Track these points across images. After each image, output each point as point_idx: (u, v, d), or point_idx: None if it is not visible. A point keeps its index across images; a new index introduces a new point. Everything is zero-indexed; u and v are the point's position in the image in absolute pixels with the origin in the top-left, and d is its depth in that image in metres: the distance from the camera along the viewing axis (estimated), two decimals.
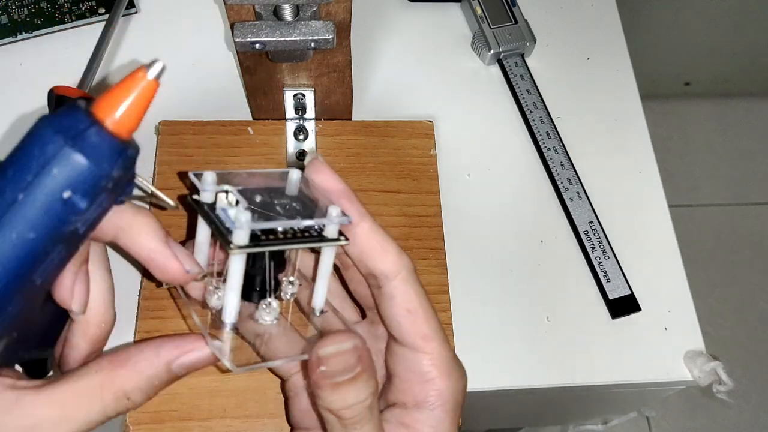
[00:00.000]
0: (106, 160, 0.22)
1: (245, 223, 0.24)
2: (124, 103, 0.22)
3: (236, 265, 0.26)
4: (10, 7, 0.46)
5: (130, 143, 0.23)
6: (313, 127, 0.43)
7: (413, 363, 0.28)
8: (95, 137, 0.22)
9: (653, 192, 0.46)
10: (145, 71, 0.22)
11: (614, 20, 0.52)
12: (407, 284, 0.29)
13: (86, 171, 0.21)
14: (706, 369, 0.40)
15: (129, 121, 0.22)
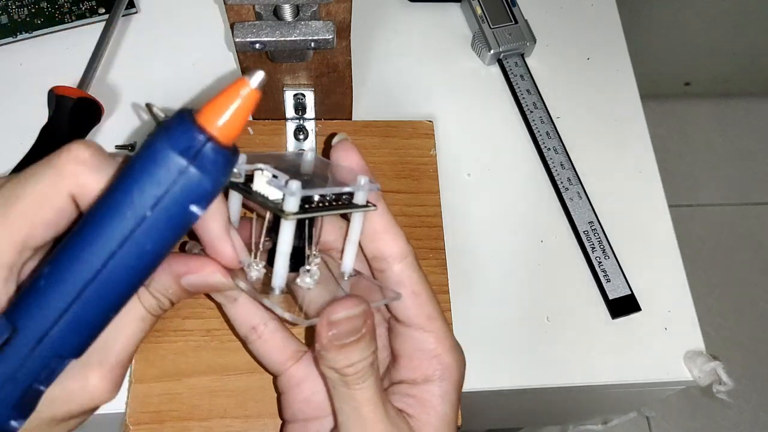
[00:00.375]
0: (222, 173, 0.23)
1: (297, 190, 0.26)
2: (230, 112, 0.23)
3: (288, 231, 0.27)
4: (10, 7, 0.46)
5: (234, 148, 0.24)
6: (313, 127, 0.43)
7: (420, 342, 0.30)
8: (212, 154, 0.23)
9: (653, 192, 0.46)
10: (247, 80, 0.23)
11: (614, 20, 0.52)
12: (413, 268, 0.30)
13: (208, 186, 0.23)
14: (706, 369, 0.40)
15: (234, 130, 0.23)
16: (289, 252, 0.28)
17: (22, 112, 0.44)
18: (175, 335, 0.37)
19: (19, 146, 0.41)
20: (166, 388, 0.36)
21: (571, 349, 0.40)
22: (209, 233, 0.27)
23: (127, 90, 0.46)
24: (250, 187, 0.28)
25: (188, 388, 0.36)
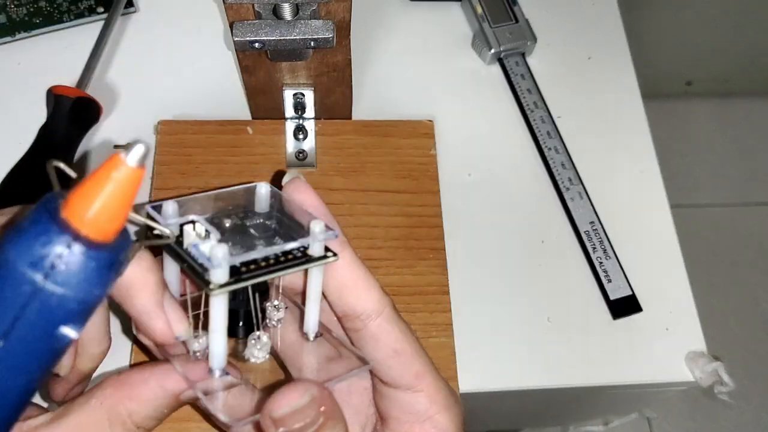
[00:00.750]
0: (95, 284, 0.18)
1: (223, 259, 0.21)
2: (102, 201, 0.18)
3: (218, 306, 0.23)
4: (8, 7, 0.46)
5: (120, 241, 0.19)
6: (312, 126, 0.43)
7: (409, 404, 0.26)
8: (79, 259, 0.17)
9: (654, 192, 0.46)
10: (122, 158, 0.18)
11: (615, 19, 0.52)
12: (392, 323, 0.26)
13: (74, 304, 0.18)
14: (707, 370, 0.39)
15: (112, 222, 0.18)
16: (224, 329, 0.23)
17: (20, 111, 0.44)
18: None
19: (17, 146, 0.41)
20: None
21: (572, 349, 0.40)
22: (135, 309, 0.23)
23: (126, 89, 0.46)
24: (182, 245, 0.23)
25: None
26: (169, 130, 0.42)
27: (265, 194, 0.26)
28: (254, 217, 0.25)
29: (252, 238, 0.24)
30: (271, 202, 0.26)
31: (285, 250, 0.24)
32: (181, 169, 0.41)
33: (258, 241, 0.24)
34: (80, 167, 0.42)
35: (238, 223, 0.24)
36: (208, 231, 0.23)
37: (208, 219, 0.24)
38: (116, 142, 0.43)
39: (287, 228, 0.25)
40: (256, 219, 0.25)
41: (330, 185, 0.41)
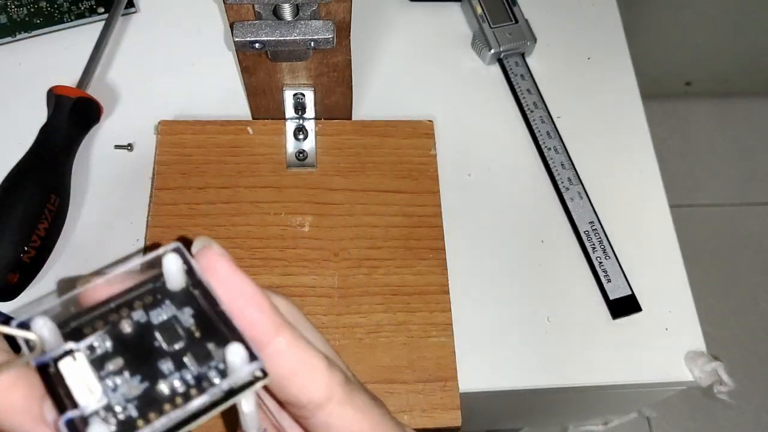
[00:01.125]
0: None
1: (259, 364, 0.18)
2: None
3: (251, 408, 0.20)
4: (9, 7, 0.46)
5: None
6: (312, 126, 0.43)
7: None
8: None
9: (654, 192, 0.46)
10: None
11: (615, 20, 0.52)
12: (345, 405, 0.21)
13: None
14: (707, 369, 0.40)
15: None
16: None
17: (21, 111, 0.44)
18: None
19: (18, 146, 0.41)
20: None
21: (572, 349, 0.40)
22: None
23: (127, 90, 0.46)
24: (57, 387, 0.18)
25: None
26: (170, 130, 0.42)
27: (176, 271, 0.20)
28: (165, 303, 0.20)
29: (156, 359, 0.19)
30: (186, 279, 0.20)
31: (193, 409, 0.18)
32: (181, 169, 0.41)
33: (164, 365, 0.19)
34: (80, 167, 0.42)
35: (140, 324, 0.19)
36: (93, 363, 0.18)
37: (101, 332, 0.19)
38: (117, 143, 0.43)
39: (207, 322, 0.19)
40: (167, 310, 0.20)
41: (330, 185, 0.42)
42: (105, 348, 0.19)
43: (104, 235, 0.41)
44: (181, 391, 0.18)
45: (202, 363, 0.19)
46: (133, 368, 0.18)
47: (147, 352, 0.19)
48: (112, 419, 0.18)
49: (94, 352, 0.19)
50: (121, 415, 0.18)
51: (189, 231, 0.39)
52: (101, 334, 0.19)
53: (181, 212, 0.40)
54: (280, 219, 0.40)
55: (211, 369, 0.19)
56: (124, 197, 0.42)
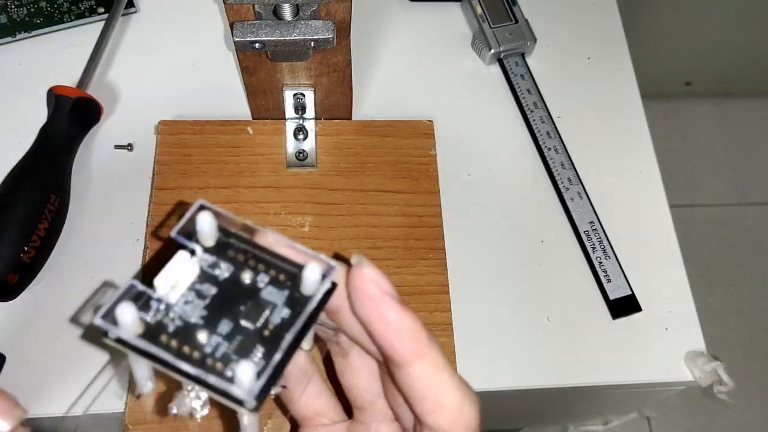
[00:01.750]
0: None
1: (250, 392, 0.18)
2: None
3: (252, 419, 0.20)
4: (9, 7, 0.46)
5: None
6: (312, 126, 0.43)
7: None
8: None
9: (654, 192, 0.46)
10: None
11: (615, 20, 0.52)
12: (435, 369, 0.21)
13: None
14: (706, 369, 0.40)
15: None
16: None
17: (21, 111, 0.44)
18: None
19: (18, 146, 0.41)
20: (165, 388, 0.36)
21: (572, 349, 0.40)
22: None
23: (127, 90, 0.46)
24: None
25: None
26: (170, 130, 0.42)
27: (314, 281, 0.21)
28: (280, 289, 0.21)
29: (230, 311, 0.20)
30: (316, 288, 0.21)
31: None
32: (181, 169, 0.41)
33: (230, 319, 0.20)
34: (80, 167, 0.42)
35: (253, 285, 0.21)
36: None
37: (230, 263, 0.21)
38: (117, 143, 0.43)
39: (288, 275, 0.22)
40: (276, 295, 0.21)
41: (330, 185, 0.42)
42: (220, 275, 0.21)
43: (104, 235, 0.41)
44: (210, 353, 0.19)
45: (239, 353, 0.20)
46: (213, 303, 0.20)
47: (231, 302, 0.20)
48: (158, 317, 0.20)
49: (212, 269, 0.21)
50: (170, 322, 0.20)
51: None
52: (228, 265, 0.21)
53: (180, 212, 0.40)
54: (280, 219, 0.40)
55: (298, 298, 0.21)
56: (124, 197, 0.42)
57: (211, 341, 0.20)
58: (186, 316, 0.20)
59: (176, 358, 0.19)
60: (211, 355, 0.19)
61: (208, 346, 0.19)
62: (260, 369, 0.19)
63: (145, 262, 0.39)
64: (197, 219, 0.22)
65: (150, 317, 0.20)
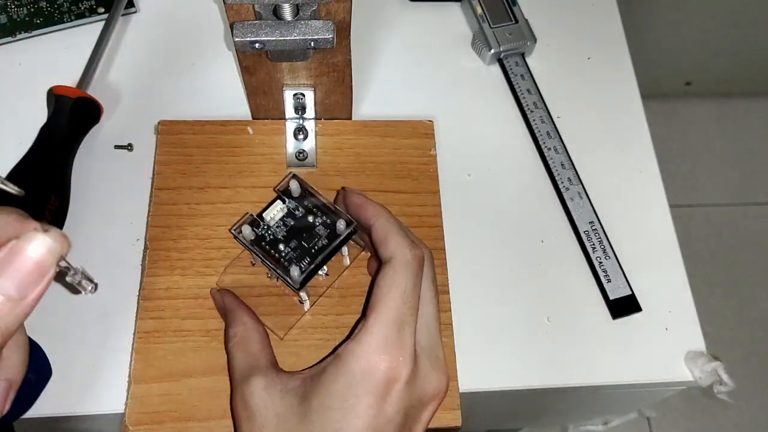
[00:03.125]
0: None
1: (296, 281, 0.35)
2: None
3: (304, 295, 0.37)
4: (9, 7, 0.46)
5: None
6: (312, 126, 0.43)
7: None
8: None
9: (654, 192, 0.46)
10: None
11: (615, 20, 0.52)
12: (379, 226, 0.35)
13: None
14: (706, 369, 0.40)
15: None
16: None
17: (21, 111, 0.44)
18: (175, 336, 0.37)
19: (18, 146, 0.41)
20: (165, 388, 0.36)
21: (572, 349, 0.40)
22: None
23: (127, 90, 0.46)
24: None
25: (188, 389, 0.36)
26: (170, 130, 0.42)
27: (342, 228, 0.37)
28: (320, 215, 0.37)
29: (308, 231, 0.37)
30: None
31: (330, 247, 0.36)
32: (181, 169, 0.41)
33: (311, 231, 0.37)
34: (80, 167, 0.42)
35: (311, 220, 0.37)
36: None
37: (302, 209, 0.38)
38: (117, 143, 0.43)
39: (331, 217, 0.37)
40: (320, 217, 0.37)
41: (330, 185, 0.42)
42: (297, 215, 0.37)
43: (104, 235, 0.41)
44: (283, 257, 0.36)
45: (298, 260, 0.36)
46: (291, 229, 0.37)
47: (299, 231, 0.37)
48: (261, 233, 0.36)
49: (294, 210, 0.37)
50: (267, 236, 0.36)
51: (189, 231, 0.39)
52: (302, 210, 0.37)
53: (181, 212, 0.40)
54: None
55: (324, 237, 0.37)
56: (124, 197, 0.42)
57: (285, 250, 0.36)
58: (275, 234, 0.36)
59: (266, 255, 0.36)
60: (284, 257, 0.36)
61: (283, 252, 0.36)
62: (304, 271, 0.35)
63: (144, 263, 0.39)
64: (290, 183, 0.38)
65: (258, 232, 0.36)
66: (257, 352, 0.34)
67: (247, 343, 0.34)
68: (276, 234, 0.36)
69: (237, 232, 0.36)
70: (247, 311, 0.36)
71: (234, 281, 0.38)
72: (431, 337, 0.32)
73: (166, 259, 0.39)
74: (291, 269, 0.35)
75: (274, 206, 0.37)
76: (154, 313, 0.37)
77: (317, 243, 0.36)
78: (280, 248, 0.36)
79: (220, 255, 0.39)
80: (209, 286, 0.38)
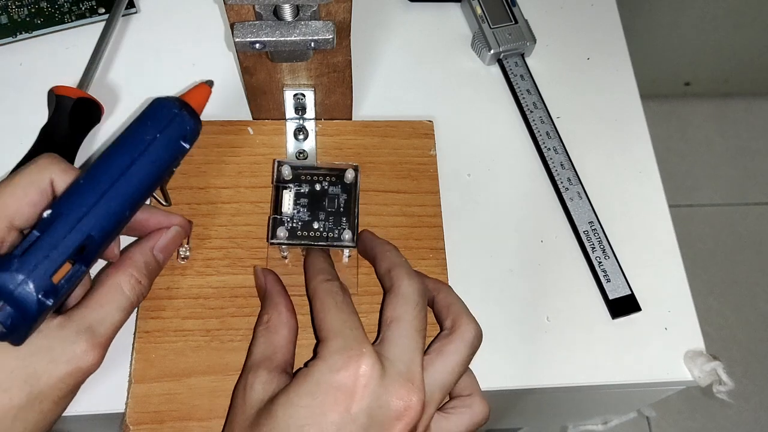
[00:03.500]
0: (196, 121, 0.34)
1: (351, 240, 0.38)
2: (198, 97, 0.35)
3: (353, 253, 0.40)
4: (9, 7, 0.46)
5: (199, 118, 0.35)
6: (313, 127, 0.43)
7: None
8: (190, 110, 0.34)
9: (653, 192, 0.46)
10: (206, 85, 0.36)
11: (614, 20, 0.52)
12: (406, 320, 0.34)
13: (191, 125, 0.34)
14: (706, 369, 0.40)
15: (200, 107, 0.35)
16: None
17: (21, 112, 0.44)
18: (175, 335, 0.37)
19: (18, 146, 0.41)
20: (166, 388, 0.36)
21: (571, 349, 0.40)
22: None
23: (127, 90, 0.46)
24: None
25: (188, 388, 0.36)
26: None
27: (351, 177, 0.40)
28: (337, 186, 0.40)
29: (320, 210, 0.39)
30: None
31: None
32: (181, 169, 0.41)
33: (322, 214, 0.39)
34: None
35: (322, 189, 0.39)
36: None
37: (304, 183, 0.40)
38: None
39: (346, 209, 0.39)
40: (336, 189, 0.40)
41: None
42: (304, 191, 0.39)
43: None
44: (324, 230, 0.38)
45: (337, 225, 0.38)
46: (310, 206, 0.39)
47: (318, 202, 0.39)
48: (289, 225, 0.38)
49: (299, 189, 0.39)
50: (296, 224, 0.38)
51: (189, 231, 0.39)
52: (304, 184, 0.39)
53: (181, 212, 0.40)
54: None
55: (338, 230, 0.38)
56: None
57: (320, 226, 0.38)
58: (302, 218, 0.38)
59: (310, 240, 0.38)
60: (325, 231, 0.38)
61: (320, 229, 0.38)
62: (351, 227, 0.38)
63: None
64: (281, 169, 0.39)
65: (288, 227, 0.38)
66: (279, 346, 0.34)
67: (275, 333, 0.35)
68: (303, 218, 0.38)
69: (274, 239, 0.37)
70: (286, 300, 0.36)
71: None
72: (408, 356, 0.32)
73: None
74: (342, 234, 0.38)
75: (283, 198, 0.39)
76: (154, 312, 0.37)
77: (340, 201, 0.39)
78: (315, 227, 0.38)
79: (220, 255, 0.39)
80: (209, 286, 0.38)
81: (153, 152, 0.32)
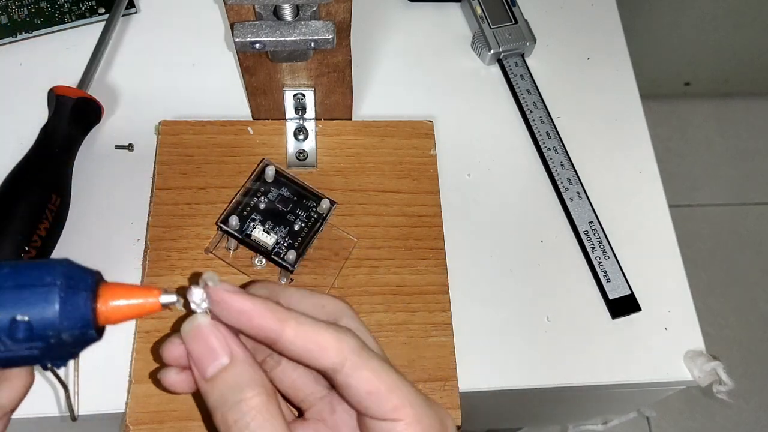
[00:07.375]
0: (69, 320, 0.22)
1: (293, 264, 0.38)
2: (124, 303, 0.23)
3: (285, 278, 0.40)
4: (9, 7, 0.46)
5: (97, 332, 0.24)
6: (313, 126, 0.43)
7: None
8: (81, 301, 0.23)
9: (653, 192, 0.46)
10: (159, 293, 0.24)
11: (614, 20, 0.52)
12: (358, 368, 0.25)
13: (50, 313, 0.22)
14: (706, 369, 0.40)
15: (114, 317, 0.24)
16: None
17: (21, 111, 0.44)
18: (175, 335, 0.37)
19: (19, 146, 0.41)
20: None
21: (571, 349, 0.40)
22: None
23: (127, 90, 0.46)
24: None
25: None
26: (170, 131, 0.42)
27: (326, 207, 0.40)
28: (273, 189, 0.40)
29: (284, 216, 0.39)
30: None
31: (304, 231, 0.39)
32: (182, 169, 0.41)
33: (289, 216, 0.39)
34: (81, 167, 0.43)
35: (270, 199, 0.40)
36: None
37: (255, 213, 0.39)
38: (117, 143, 0.44)
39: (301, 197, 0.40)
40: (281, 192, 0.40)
41: (330, 185, 0.42)
42: (280, 193, 0.40)
43: (104, 235, 0.41)
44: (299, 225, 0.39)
45: (309, 211, 0.39)
46: (272, 218, 0.39)
47: (280, 217, 0.39)
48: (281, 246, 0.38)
49: (276, 190, 0.40)
50: (282, 246, 0.38)
51: (190, 231, 0.40)
52: (282, 188, 0.40)
53: (181, 212, 0.40)
54: None
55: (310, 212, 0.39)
56: (125, 197, 0.42)
57: (274, 238, 0.39)
58: (261, 222, 0.39)
59: (253, 243, 0.38)
60: (275, 245, 0.38)
61: (271, 241, 0.39)
62: (297, 251, 0.38)
63: (146, 264, 0.39)
64: (266, 169, 0.40)
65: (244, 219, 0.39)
66: None
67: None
68: (262, 222, 0.39)
69: (224, 224, 0.38)
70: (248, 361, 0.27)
71: None
72: None
73: (167, 259, 0.39)
74: (287, 255, 0.38)
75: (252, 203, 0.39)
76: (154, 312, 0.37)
77: (302, 224, 0.39)
78: (267, 238, 0.38)
79: (220, 255, 0.39)
80: None
81: None
